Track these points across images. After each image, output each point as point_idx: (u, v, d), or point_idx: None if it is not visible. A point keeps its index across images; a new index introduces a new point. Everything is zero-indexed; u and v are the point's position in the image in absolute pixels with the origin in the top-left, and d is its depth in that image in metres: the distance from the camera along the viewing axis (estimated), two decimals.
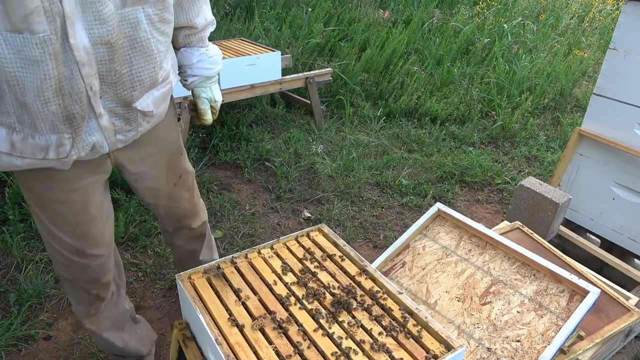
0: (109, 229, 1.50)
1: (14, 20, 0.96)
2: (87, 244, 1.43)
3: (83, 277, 1.50)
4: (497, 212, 3.46)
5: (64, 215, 1.35)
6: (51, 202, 1.33)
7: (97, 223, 1.43)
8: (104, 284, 1.56)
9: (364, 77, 4.94)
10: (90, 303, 1.59)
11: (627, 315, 1.83)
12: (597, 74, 2.64)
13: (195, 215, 1.79)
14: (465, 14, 6.72)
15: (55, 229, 1.38)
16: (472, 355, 1.47)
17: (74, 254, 1.42)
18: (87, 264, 1.46)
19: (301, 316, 1.22)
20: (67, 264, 1.46)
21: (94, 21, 1.06)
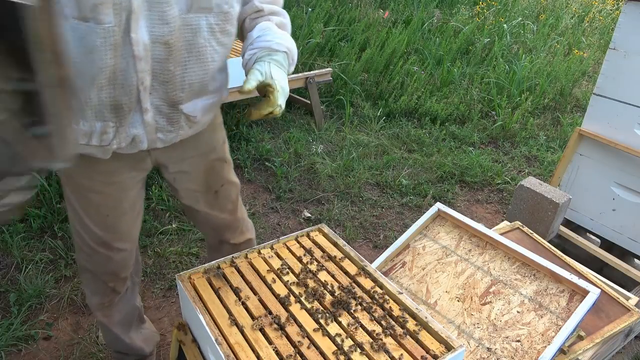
0: (136, 225, 1.53)
1: (83, 9, 1.01)
2: (114, 237, 1.46)
3: (104, 269, 1.52)
4: (497, 212, 3.46)
5: (98, 205, 1.39)
6: (87, 191, 1.37)
7: (127, 218, 1.46)
8: (122, 278, 1.59)
9: (364, 77, 4.94)
10: (105, 295, 1.61)
11: (627, 315, 1.83)
12: (597, 74, 2.64)
13: (237, 230, 1.72)
14: (465, 14, 6.72)
15: (86, 218, 1.41)
16: (472, 355, 1.47)
17: (100, 245, 1.46)
18: (110, 256, 1.49)
19: (301, 316, 1.22)
20: (91, 254, 1.49)
21: (158, 20, 1.11)
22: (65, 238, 2.68)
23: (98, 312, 1.67)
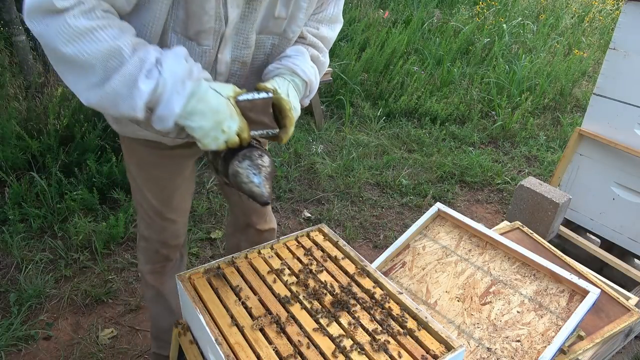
0: (188, 200, 1.68)
1: (189, 31, 1.17)
2: (167, 209, 1.61)
3: (158, 237, 1.68)
4: (497, 212, 3.46)
5: (156, 178, 1.54)
6: (149, 164, 1.52)
7: (180, 192, 1.61)
8: (173, 246, 1.73)
9: (364, 77, 4.94)
10: (157, 261, 1.75)
11: (627, 315, 1.83)
12: (597, 74, 2.64)
13: (263, 217, 1.86)
14: (465, 14, 6.72)
15: (146, 190, 1.57)
16: (472, 355, 1.47)
17: (156, 215, 1.61)
18: (164, 226, 1.65)
19: (301, 316, 1.22)
20: (148, 222, 1.65)
21: (242, 44, 1.26)
22: (65, 238, 2.68)
23: (149, 276, 1.79)
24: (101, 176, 2.91)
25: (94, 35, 1.02)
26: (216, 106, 1.12)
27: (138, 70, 1.06)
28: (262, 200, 1.20)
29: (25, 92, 3.31)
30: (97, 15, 1.02)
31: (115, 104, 1.08)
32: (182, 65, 1.09)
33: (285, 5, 1.25)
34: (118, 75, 1.05)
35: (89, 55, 1.02)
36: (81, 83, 1.07)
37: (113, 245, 2.69)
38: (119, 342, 2.21)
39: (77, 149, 2.97)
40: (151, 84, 1.07)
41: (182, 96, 1.09)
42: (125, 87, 1.06)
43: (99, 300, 2.39)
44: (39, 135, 2.93)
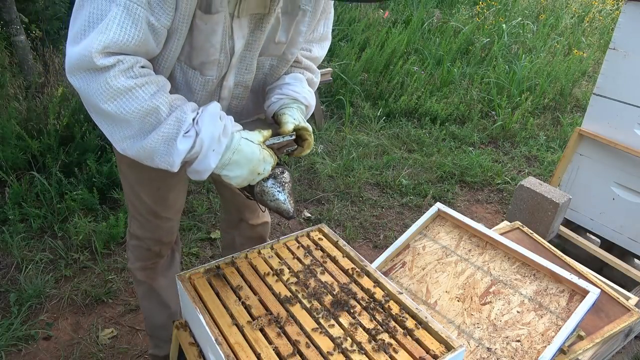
0: (182, 198, 1.68)
1: (193, 62, 1.22)
2: (162, 208, 1.60)
3: (151, 236, 1.67)
4: (497, 212, 3.46)
5: (150, 179, 1.53)
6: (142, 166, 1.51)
7: (175, 192, 1.60)
8: (166, 243, 1.73)
9: (364, 77, 4.94)
10: (148, 259, 1.75)
11: (627, 315, 1.83)
12: (597, 74, 2.64)
13: (256, 211, 1.86)
14: (465, 14, 6.72)
15: (139, 189, 1.56)
16: (472, 355, 1.47)
17: (150, 215, 1.61)
18: (158, 224, 1.64)
19: (301, 316, 1.22)
20: (142, 222, 1.64)
21: (245, 70, 1.32)
22: (65, 238, 2.68)
23: (139, 273, 1.78)
24: (101, 176, 2.91)
25: (132, 94, 1.07)
26: (250, 154, 1.18)
27: (176, 131, 1.12)
28: (289, 215, 1.28)
29: (25, 92, 3.31)
30: (135, 73, 1.08)
31: (151, 157, 1.15)
32: (217, 124, 1.15)
33: (285, 31, 1.30)
34: (155, 134, 1.11)
35: (128, 113, 1.08)
36: (117, 134, 1.13)
37: (113, 245, 2.69)
38: (119, 342, 2.21)
39: (77, 149, 2.97)
40: (188, 144, 1.13)
41: (218, 152, 1.15)
42: (162, 145, 1.12)
43: (99, 300, 2.39)
44: (39, 135, 2.93)
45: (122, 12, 1.02)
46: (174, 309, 1.87)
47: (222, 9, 1.13)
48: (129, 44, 1.05)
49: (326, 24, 1.47)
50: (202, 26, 1.14)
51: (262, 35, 1.26)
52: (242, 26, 1.20)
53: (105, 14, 1.02)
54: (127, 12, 1.02)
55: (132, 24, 1.04)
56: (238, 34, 1.20)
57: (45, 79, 3.46)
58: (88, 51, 1.02)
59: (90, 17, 1.03)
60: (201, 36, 1.16)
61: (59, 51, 3.95)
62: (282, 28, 1.29)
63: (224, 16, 1.15)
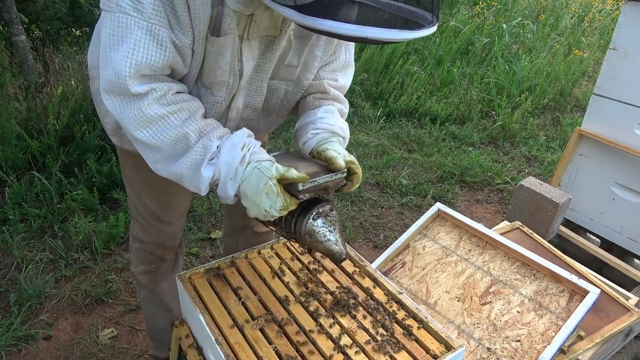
0: (186, 202, 1.68)
1: (205, 81, 1.22)
2: (165, 212, 1.60)
3: (154, 239, 1.67)
4: (497, 212, 3.46)
5: (153, 183, 1.52)
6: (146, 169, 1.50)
7: (178, 196, 1.60)
8: (169, 248, 1.73)
9: (364, 77, 4.94)
10: (151, 262, 1.74)
11: (627, 315, 1.83)
12: (597, 74, 2.64)
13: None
14: (465, 14, 6.72)
15: (143, 194, 1.56)
16: (472, 355, 1.47)
17: (153, 218, 1.61)
18: (161, 228, 1.64)
19: (301, 316, 1.22)
20: (145, 226, 1.64)
21: (254, 92, 1.30)
22: (65, 238, 2.68)
23: (142, 277, 1.78)
24: (101, 176, 2.91)
25: (165, 121, 1.11)
26: (254, 187, 1.14)
27: (201, 158, 1.14)
28: (342, 257, 1.16)
29: (25, 92, 3.31)
30: (168, 100, 1.11)
31: (181, 181, 1.18)
32: (236, 153, 1.14)
33: (297, 54, 1.28)
34: (183, 160, 1.14)
35: (159, 142, 1.12)
36: (150, 157, 1.19)
37: (113, 245, 2.69)
38: (119, 342, 2.21)
39: (77, 149, 2.97)
40: (211, 171, 1.15)
41: (235, 181, 1.15)
42: (190, 170, 1.15)
43: (99, 300, 2.39)
44: (39, 135, 2.93)
45: (145, 35, 1.03)
46: (175, 313, 1.87)
47: (230, 31, 1.12)
48: (157, 66, 1.06)
49: (348, 49, 1.44)
50: (211, 48, 1.14)
51: (272, 58, 1.24)
52: (252, 48, 1.19)
53: (126, 37, 1.03)
54: (151, 34, 1.03)
55: (158, 46, 1.05)
56: (247, 56, 1.19)
57: (45, 79, 3.46)
58: (120, 76, 1.04)
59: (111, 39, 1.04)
60: (209, 57, 1.16)
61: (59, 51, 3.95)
62: (294, 51, 1.27)
63: (233, 39, 1.13)
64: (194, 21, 1.06)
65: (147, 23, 1.02)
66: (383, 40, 0.90)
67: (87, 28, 4.36)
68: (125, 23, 1.02)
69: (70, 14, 4.50)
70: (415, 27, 0.93)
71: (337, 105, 1.45)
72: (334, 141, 1.32)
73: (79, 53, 4.10)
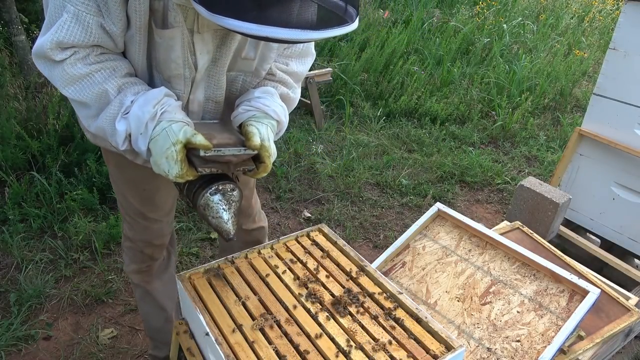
0: (170, 199, 1.67)
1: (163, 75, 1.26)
2: (150, 209, 1.61)
3: (141, 237, 1.68)
4: (497, 212, 3.46)
5: (136, 181, 1.54)
6: (127, 167, 1.51)
7: (162, 193, 1.60)
8: (157, 246, 1.73)
9: (364, 77, 4.94)
10: (142, 261, 1.75)
11: (627, 315, 1.83)
12: (597, 74, 2.64)
13: (250, 216, 1.85)
14: (465, 14, 6.72)
15: (127, 192, 1.58)
16: (472, 355, 1.47)
17: (137, 216, 1.62)
18: (147, 225, 1.64)
19: (301, 316, 1.22)
20: (132, 224, 1.66)
21: (214, 86, 1.33)
22: (65, 238, 2.68)
23: (135, 276, 1.79)
24: (101, 176, 2.90)
25: (89, 79, 1.16)
26: (159, 148, 1.16)
27: (117, 112, 1.17)
28: (229, 237, 1.19)
29: (25, 92, 3.31)
30: (91, 60, 1.15)
31: (105, 136, 1.22)
32: (146, 109, 1.16)
33: (254, 47, 1.30)
34: (104, 114, 1.18)
35: (85, 97, 1.17)
36: (82, 112, 1.23)
37: (113, 245, 2.69)
38: (119, 342, 2.21)
39: (77, 149, 2.96)
40: (124, 125, 1.17)
41: (146, 137, 1.17)
42: (109, 125, 1.19)
43: (99, 300, 2.39)
44: (39, 135, 2.93)
45: (71, 19, 1.09)
46: (170, 313, 1.87)
47: (177, 24, 1.14)
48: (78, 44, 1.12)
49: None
50: (159, 41, 1.17)
51: (228, 51, 1.26)
52: (205, 41, 1.21)
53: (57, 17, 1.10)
54: (76, 19, 1.09)
55: (82, 29, 1.10)
56: (202, 49, 1.21)
57: (45, 79, 3.46)
58: (43, 48, 1.11)
59: (49, 19, 1.12)
60: (161, 50, 1.19)
61: None
62: (250, 44, 1.28)
63: (181, 32, 1.16)
64: (129, 10, 1.10)
65: (74, 8, 1.08)
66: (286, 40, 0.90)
67: None
68: (59, 6, 1.09)
69: None
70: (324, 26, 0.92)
71: (281, 89, 1.42)
72: (262, 122, 1.30)
73: None
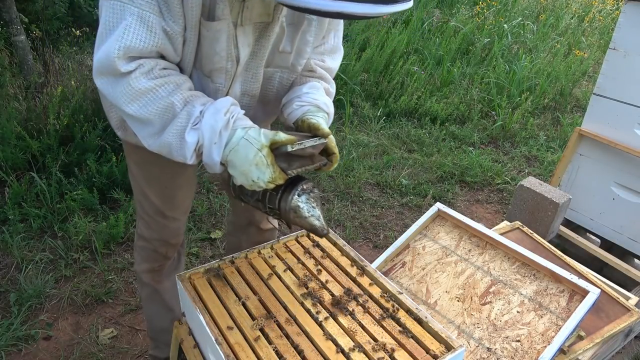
0: (190, 198, 1.69)
1: (204, 69, 1.26)
2: (170, 207, 1.61)
3: (158, 236, 1.68)
4: (497, 212, 3.46)
5: (157, 178, 1.55)
6: (150, 164, 1.52)
7: (183, 191, 1.61)
8: (173, 244, 1.73)
9: (364, 77, 4.93)
10: (155, 260, 1.75)
11: (627, 315, 1.83)
12: (597, 74, 2.64)
13: (265, 216, 1.85)
14: (465, 14, 6.72)
15: (147, 189, 1.58)
16: (472, 355, 1.47)
17: (157, 214, 1.62)
18: (165, 224, 1.65)
19: (301, 316, 1.22)
20: (149, 222, 1.65)
21: (251, 79, 1.34)
22: (65, 238, 2.68)
23: (145, 275, 1.79)
24: (101, 176, 2.91)
25: (153, 94, 1.14)
26: (243, 157, 1.15)
27: (185, 124, 1.15)
28: (323, 232, 1.21)
29: (25, 92, 3.31)
30: (155, 74, 1.14)
31: (170, 152, 1.19)
32: (219, 117, 1.15)
33: (290, 40, 1.33)
34: (170, 128, 1.16)
35: (149, 113, 1.14)
36: (143, 132, 1.20)
37: (113, 245, 2.69)
38: (119, 342, 2.21)
39: (77, 149, 2.97)
40: (195, 137, 1.16)
41: (220, 146, 1.16)
42: (176, 138, 1.16)
43: (99, 300, 2.39)
44: (39, 135, 2.93)
45: (135, 21, 1.07)
46: (177, 313, 1.87)
47: (224, 17, 1.15)
48: (145, 50, 1.10)
49: (336, 35, 1.48)
50: (206, 34, 1.17)
51: (267, 44, 1.28)
52: (246, 34, 1.23)
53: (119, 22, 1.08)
54: (141, 20, 1.08)
55: (147, 31, 1.09)
56: (243, 42, 1.23)
57: (45, 79, 3.46)
58: (109, 57, 1.08)
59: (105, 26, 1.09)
60: (206, 43, 1.19)
61: (59, 51, 3.95)
62: (287, 37, 1.31)
63: (227, 24, 1.17)
64: (185, 7, 1.10)
65: (137, 9, 1.06)
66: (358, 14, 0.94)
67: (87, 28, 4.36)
68: (118, 10, 1.07)
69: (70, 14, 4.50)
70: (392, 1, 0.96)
71: (324, 84, 1.48)
72: (318, 115, 1.35)
73: (79, 53, 4.10)
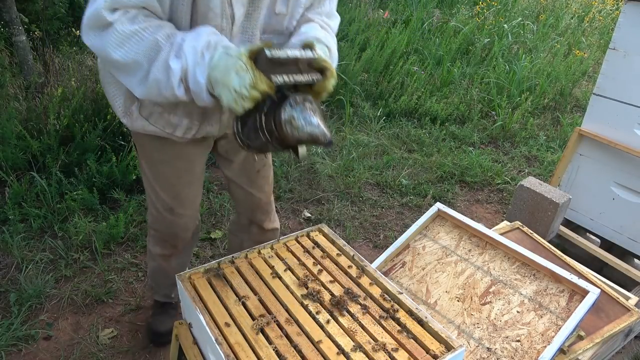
0: (198, 195, 1.74)
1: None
2: (179, 204, 1.67)
3: (167, 230, 1.76)
4: (497, 212, 3.46)
5: (166, 176, 1.60)
6: (158, 162, 1.58)
7: (191, 188, 1.66)
8: (182, 238, 1.81)
9: (364, 77, 4.93)
10: (165, 248, 1.85)
11: (627, 315, 1.83)
12: (597, 74, 2.64)
13: (268, 214, 1.90)
14: (465, 14, 6.72)
15: (157, 186, 1.63)
16: (472, 355, 1.47)
17: (166, 210, 1.67)
18: (174, 220, 1.71)
19: (301, 316, 1.22)
20: (158, 217, 1.72)
21: (247, 41, 1.33)
22: (65, 238, 2.68)
23: (157, 256, 1.88)
24: (101, 176, 2.91)
25: (138, 36, 1.16)
26: (224, 69, 1.13)
27: (169, 53, 1.16)
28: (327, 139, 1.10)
29: (25, 92, 3.31)
30: (140, 19, 1.16)
31: (159, 90, 1.19)
32: (201, 39, 1.16)
33: (284, 2, 1.34)
34: (156, 63, 1.16)
35: (136, 54, 1.16)
36: (133, 79, 1.21)
37: (113, 245, 2.69)
38: (119, 342, 2.21)
39: (77, 149, 2.96)
40: (179, 63, 1.15)
41: (203, 67, 1.15)
42: (162, 72, 1.16)
43: (99, 300, 2.39)
44: (39, 135, 2.93)
45: None
46: None
47: None
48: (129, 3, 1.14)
49: (331, 1, 1.50)
50: None
51: (261, 5, 1.29)
52: None
53: None
54: None
55: None
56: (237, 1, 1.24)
57: (45, 79, 3.46)
58: (97, 9, 1.12)
59: None
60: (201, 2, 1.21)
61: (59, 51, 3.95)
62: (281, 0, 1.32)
63: None
64: None
65: None
66: None
67: None
68: None
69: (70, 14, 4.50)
70: None
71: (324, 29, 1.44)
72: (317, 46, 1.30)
73: (79, 53, 4.10)
